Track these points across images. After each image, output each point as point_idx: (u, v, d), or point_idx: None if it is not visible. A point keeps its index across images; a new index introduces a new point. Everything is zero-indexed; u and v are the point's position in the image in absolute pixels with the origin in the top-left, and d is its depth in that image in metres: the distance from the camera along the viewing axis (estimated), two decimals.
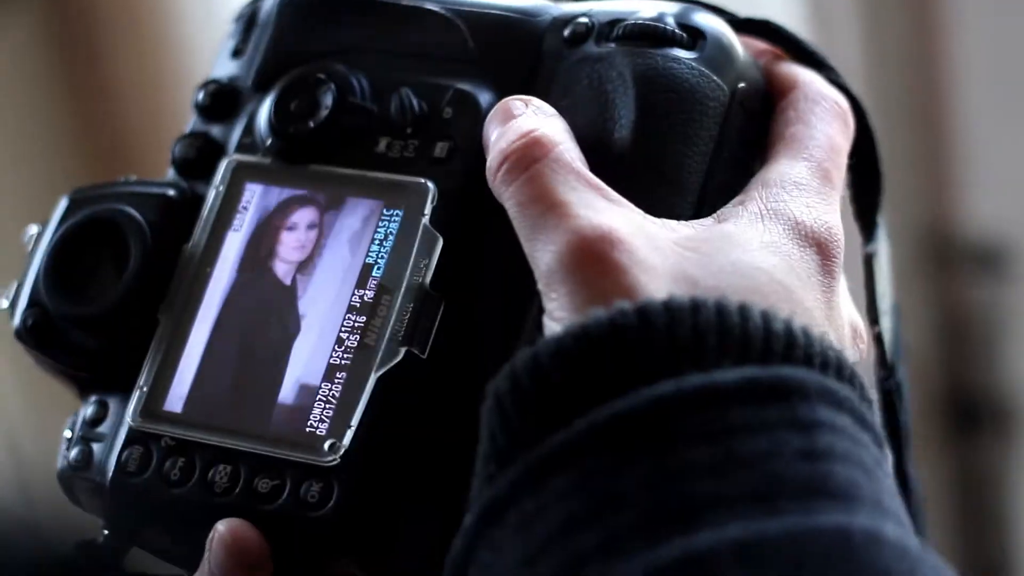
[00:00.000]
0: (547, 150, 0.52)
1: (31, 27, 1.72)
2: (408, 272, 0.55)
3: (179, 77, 1.68)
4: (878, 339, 0.61)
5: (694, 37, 0.56)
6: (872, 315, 0.61)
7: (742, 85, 0.56)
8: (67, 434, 0.59)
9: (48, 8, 1.73)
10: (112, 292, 0.58)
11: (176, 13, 1.69)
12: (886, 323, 0.61)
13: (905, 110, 1.75)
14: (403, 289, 0.55)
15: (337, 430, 0.54)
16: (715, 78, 0.56)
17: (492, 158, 0.53)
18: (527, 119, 0.54)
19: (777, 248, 0.52)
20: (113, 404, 0.58)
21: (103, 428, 0.58)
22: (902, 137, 1.69)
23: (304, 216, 0.58)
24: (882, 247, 0.61)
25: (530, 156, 0.52)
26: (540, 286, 0.51)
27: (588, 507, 0.45)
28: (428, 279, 0.55)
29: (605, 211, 0.51)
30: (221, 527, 0.54)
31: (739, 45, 0.57)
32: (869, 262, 0.61)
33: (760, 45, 0.59)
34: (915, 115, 1.77)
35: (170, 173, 0.61)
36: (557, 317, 0.50)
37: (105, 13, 1.72)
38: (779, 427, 0.46)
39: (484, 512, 0.47)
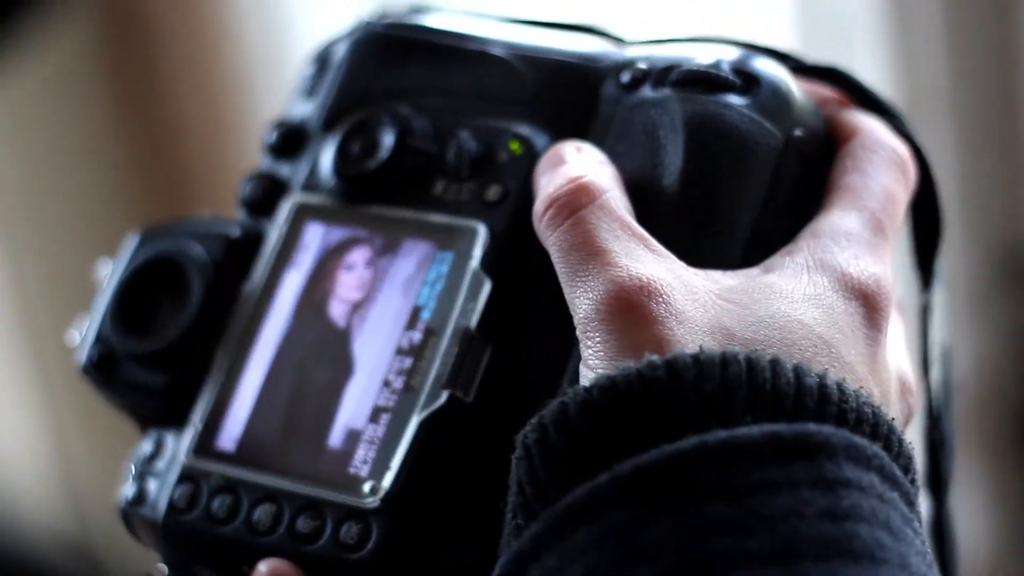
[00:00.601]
0: (593, 197, 0.52)
1: (97, 66, 1.73)
2: (455, 315, 0.56)
3: (240, 112, 1.70)
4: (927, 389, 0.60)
5: (748, 83, 0.56)
6: (924, 366, 0.60)
7: (798, 132, 0.56)
8: (131, 468, 0.60)
9: (113, 47, 1.75)
10: (172, 329, 0.59)
11: (238, 51, 1.71)
12: (935, 372, 0.60)
13: (986, 126, 1.74)
14: (449, 332, 0.56)
15: (378, 472, 0.55)
16: (767, 124, 0.55)
17: (539, 202, 0.54)
18: (576, 165, 0.54)
19: (820, 301, 0.51)
20: (170, 440, 0.59)
21: (159, 464, 0.59)
22: (981, 152, 1.67)
23: (360, 257, 0.58)
24: (938, 297, 0.61)
25: (576, 202, 0.52)
26: (578, 333, 0.51)
27: (610, 562, 0.45)
28: (474, 322, 0.55)
29: (646, 261, 0.51)
30: (263, 567, 0.55)
31: (797, 91, 0.56)
32: (924, 312, 0.60)
33: (827, 92, 0.59)
34: (995, 131, 1.75)
35: (239, 211, 0.62)
36: (591, 365, 0.50)
37: (168, 52, 1.74)
38: (803, 485, 0.46)
39: (508, 565, 0.47)
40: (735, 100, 0.55)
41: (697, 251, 0.53)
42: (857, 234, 0.54)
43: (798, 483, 0.46)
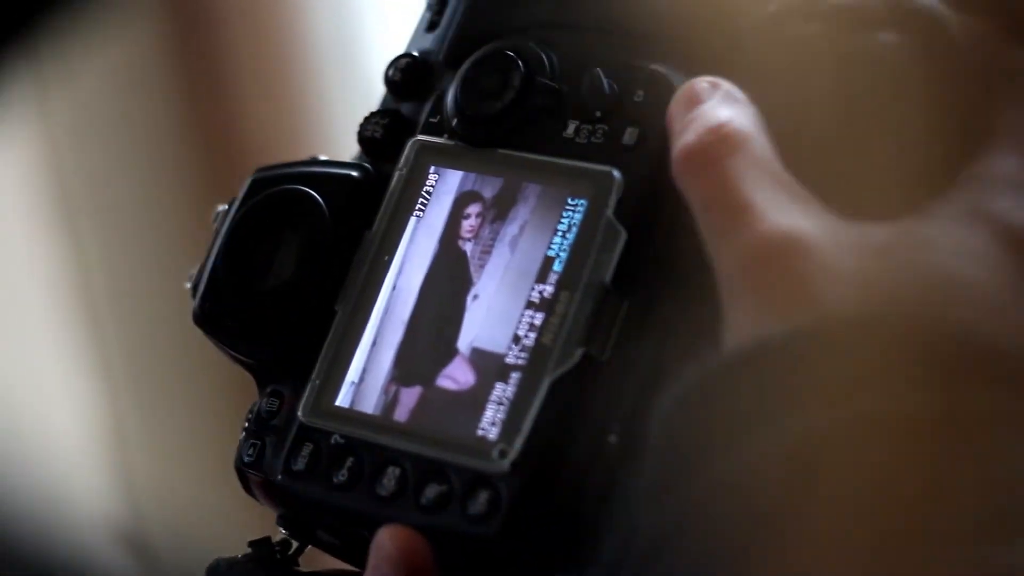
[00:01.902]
0: (736, 144, 0.49)
1: (164, 63, 1.74)
2: (589, 267, 0.52)
3: (307, 110, 1.69)
4: None
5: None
6: None
7: None
8: (245, 424, 0.57)
9: (180, 44, 1.75)
10: (289, 273, 0.56)
11: (307, 49, 1.70)
12: None
13: None
14: (583, 286, 0.52)
15: (508, 435, 0.51)
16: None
17: (677, 150, 0.50)
18: (715, 107, 0.50)
19: (980, 255, 0.48)
20: (287, 396, 0.56)
21: (275, 422, 0.56)
22: None
23: (485, 203, 0.55)
24: None
25: (716, 151, 0.49)
26: (721, 291, 0.48)
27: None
28: (609, 276, 0.52)
29: (794, 214, 0.48)
30: (386, 538, 0.52)
31: None
32: None
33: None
34: None
35: (357, 153, 0.59)
36: (736, 325, 0.47)
37: (235, 50, 1.73)
38: None
39: (651, 540, 0.45)
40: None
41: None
42: (1021, 180, 0.49)
43: None
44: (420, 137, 0.57)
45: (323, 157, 0.59)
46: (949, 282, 0.47)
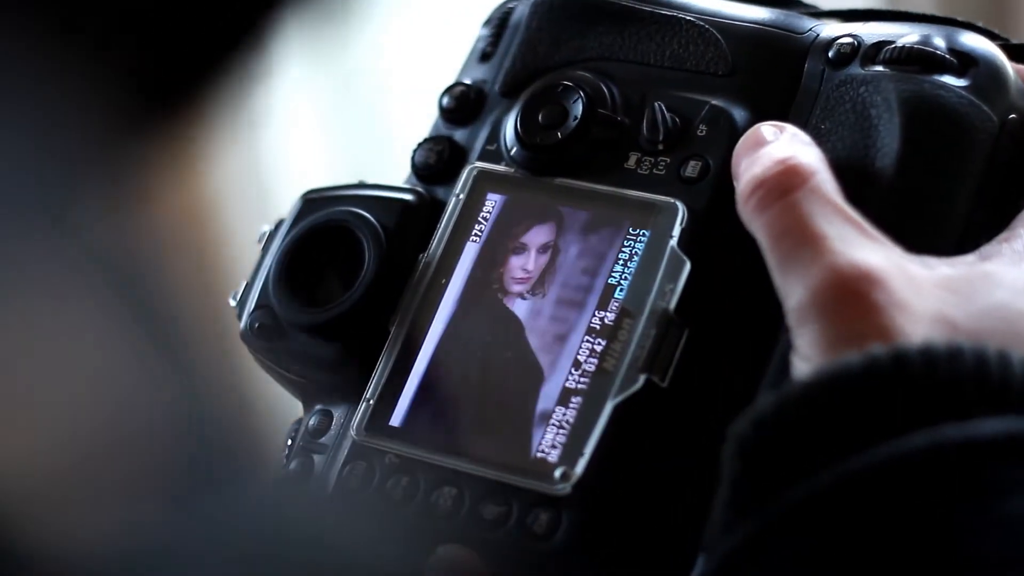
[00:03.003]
0: (804, 179, 0.50)
1: None
2: (652, 296, 0.53)
3: None
4: None
5: (965, 63, 0.53)
6: None
7: (1013, 116, 0.53)
8: (288, 442, 0.57)
9: None
10: (344, 299, 0.56)
11: None
12: None
13: None
14: (646, 313, 0.53)
15: (569, 458, 0.52)
16: (985, 108, 0.53)
17: (745, 184, 0.51)
18: (782, 145, 0.52)
19: None
20: (337, 415, 0.56)
21: (325, 439, 0.56)
22: None
23: (545, 230, 0.56)
24: None
25: (786, 185, 0.50)
26: (790, 321, 0.49)
27: (839, 565, 0.44)
28: (673, 304, 0.53)
29: (863, 247, 0.49)
30: (441, 552, 0.52)
31: (1012, 73, 0.54)
32: None
33: None
34: None
35: (409, 178, 0.59)
36: (806, 356, 0.48)
37: None
38: None
39: (722, 564, 0.45)
40: (952, 81, 0.53)
41: (911, 239, 0.50)
42: None
43: None
44: (478, 164, 0.57)
45: (369, 181, 0.59)
46: (1014, 315, 0.48)
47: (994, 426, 0.44)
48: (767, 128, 0.53)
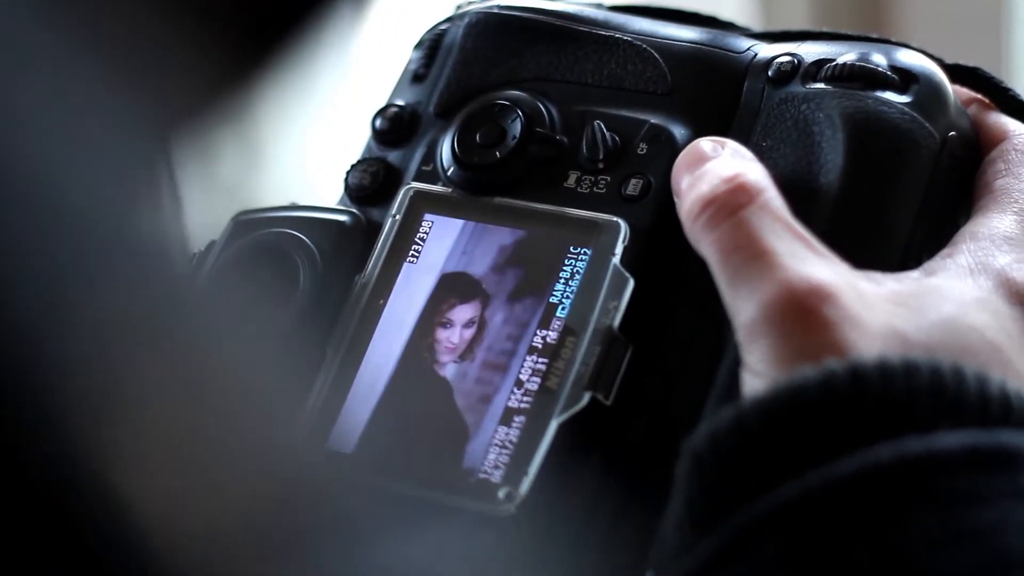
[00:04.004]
0: (753, 197, 0.50)
1: None
2: (596, 313, 0.52)
3: None
4: None
5: (906, 80, 0.53)
6: None
7: (952, 134, 0.54)
8: None
9: None
10: (279, 321, 0.55)
11: None
12: None
13: None
14: (590, 331, 0.52)
15: (513, 478, 0.51)
16: (927, 125, 0.53)
17: (692, 202, 0.51)
18: (727, 162, 0.51)
19: (986, 305, 0.50)
20: None
21: None
22: None
23: (484, 251, 0.55)
24: None
25: (736, 202, 0.50)
26: (739, 337, 0.48)
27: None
28: (617, 322, 0.52)
29: (813, 263, 0.49)
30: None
31: (951, 91, 0.54)
32: None
33: (967, 92, 0.57)
34: None
35: (343, 200, 0.58)
36: (758, 371, 0.48)
37: None
38: (1004, 497, 0.44)
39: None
40: (894, 98, 0.53)
41: (856, 253, 0.50)
42: (1017, 237, 0.52)
43: (999, 495, 0.44)
44: (414, 184, 0.57)
45: (300, 203, 0.58)
46: (963, 328, 0.48)
47: (955, 439, 0.44)
48: (707, 143, 0.53)
